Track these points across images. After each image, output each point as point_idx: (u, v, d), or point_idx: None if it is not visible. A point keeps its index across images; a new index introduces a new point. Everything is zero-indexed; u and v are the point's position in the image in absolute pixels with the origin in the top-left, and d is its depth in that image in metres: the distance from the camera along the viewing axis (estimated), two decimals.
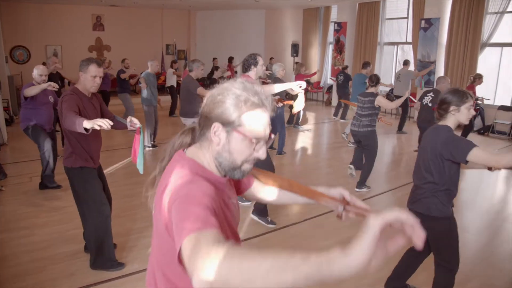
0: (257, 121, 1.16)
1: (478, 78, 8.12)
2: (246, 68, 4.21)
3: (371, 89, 5.51)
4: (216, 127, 1.16)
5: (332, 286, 1.43)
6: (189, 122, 5.84)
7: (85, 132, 2.78)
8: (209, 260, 0.81)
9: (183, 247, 0.90)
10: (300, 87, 4.04)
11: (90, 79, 3.24)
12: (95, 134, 3.26)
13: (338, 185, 4.43)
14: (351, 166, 6.05)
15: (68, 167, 3.32)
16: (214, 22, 15.52)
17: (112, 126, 2.84)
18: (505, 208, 5.31)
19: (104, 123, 2.68)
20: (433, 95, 6.64)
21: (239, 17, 15.15)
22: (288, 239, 4.08)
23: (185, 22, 16.26)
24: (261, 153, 1.21)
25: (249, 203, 4.88)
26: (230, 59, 13.44)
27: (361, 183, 5.59)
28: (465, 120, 2.69)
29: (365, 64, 8.77)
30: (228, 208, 1.25)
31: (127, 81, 8.89)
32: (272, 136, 1.22)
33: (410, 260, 3.11)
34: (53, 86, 4.87)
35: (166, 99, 10.60)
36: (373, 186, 5.72)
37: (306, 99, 12.61)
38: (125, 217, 4.00)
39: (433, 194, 2.71)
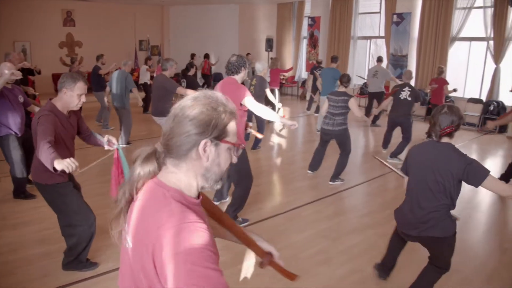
0: (235, 127, 1.21)
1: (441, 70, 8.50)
2: (235, 71, 3.95)
3: (342, 89, 5.55)
4: (204, 143, 1.13)
5: None
6: (160, 121, 5.84)
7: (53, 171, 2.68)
8: None
9: None
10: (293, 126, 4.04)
11: (75, 97, 3.00)
12: (67, 147, 3.13)
13: (314, 178, 4.50)
14: (310, 172, 6.03)
15: (42, 184, 3.11)
16: (188, 17, 15.38)
17: (88, 142, 2.75)
18: (475, 196, 5.46)
19: (70, 165, 2.55)
20: (410, 90, 6.76)
21: (213, 12, 15.05)
22: (263, 234, 4.07)
23: (158, 17, 16.05)
24: (235, 159, 1.23)
25: (227, 199, 4.88)
26: (206, 56, 13.35)
27: (335, 177, 5.65)
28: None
29: (334, 58, 8.83)
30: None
31: (103, 79, 8.71)
32: (260, 136, 1.28)
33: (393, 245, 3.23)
34: (16, 74, 4.41)
35: (141, 95, 10.43)
36: (347, 179, 5.79)
37: (281, 94, 12.66)
38: (98, 215, 3.91)
39: (447, 214, 2.68)
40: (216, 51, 14.23)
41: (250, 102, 3.88)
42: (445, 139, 2.68)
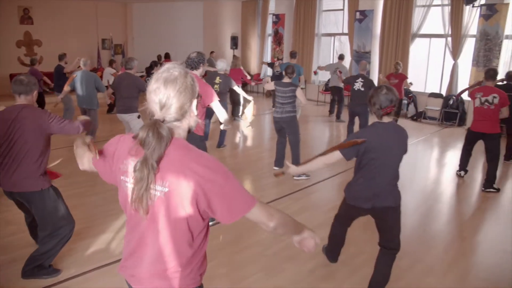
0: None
1: (397, 65, 8.70)
2: (194, 66, 4.05)
3: (287, 80, 5.66)
4: (196, 102, 1.51)
5: None
6: (130, 117, 5.92)
7: None
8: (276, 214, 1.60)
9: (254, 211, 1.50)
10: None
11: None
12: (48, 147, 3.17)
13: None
14: (276, 168, 6.05)
15: (37, 191, 3.05)
16: (151, 15, 15.09)
17: None
18: (437, 187, 5.63)
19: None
20: (363, 80, 7.05)
21: (177, 9, 14.82)
22: (231, 231, 4.06)
23: (121, 15, 15.66)
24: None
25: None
26: (167, 55, 13.17)
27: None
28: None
29: (293, 54, 8.91)
30: None
31: (67, 79, 8.42)
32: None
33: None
34: None
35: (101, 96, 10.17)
36: (313, 174, 5.84)
37: (247, 91, 12.65)
38: None
39: (396, 185, 2.90)
40: (181, 49, 14.04)
41: (216, 106, 4.06)
42: (385, 119, 2.79)
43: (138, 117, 5.94)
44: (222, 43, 15.29)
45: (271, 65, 11.05)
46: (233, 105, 9.02)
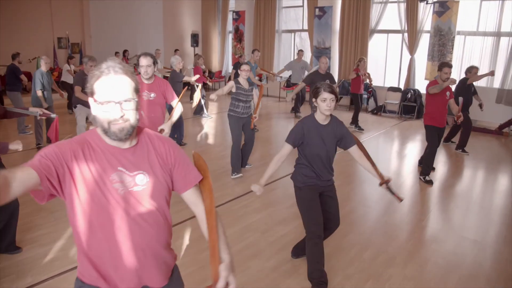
0: (103, 85, 1.38)
1: (359, 61, 8.72)
2: None
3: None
4: (91, 100, 1.40)
5: None
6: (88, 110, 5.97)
7: None
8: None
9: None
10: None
11: None
12: None
13: (242, 172, 4.37)
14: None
15: None
16: (109, 12, 14.63)
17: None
18: (397, 179, 5.72)
19: None
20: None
21: (135, 7, 14.44)
22: (193, 231, 3.97)
23: (78, 12, 15.07)
24: (115, 114, 1.37)
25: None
26: (124, 53, 12.89)
27: (232, 171, 5.65)
28: (323, 111, 2.89)
29: (254, 51, 8.92)
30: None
31: (19, 79, 8.04)
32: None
33: None
34: None
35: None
36: (277, 170, 5.82)
37: (208, 89, 12.53)
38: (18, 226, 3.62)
39: None
40: (140, 47, 13.72)
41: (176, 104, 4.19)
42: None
43: None
44: (183, 41, 15.05)
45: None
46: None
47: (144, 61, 3.94)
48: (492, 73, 7.34)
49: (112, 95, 1.36)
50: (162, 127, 3.91)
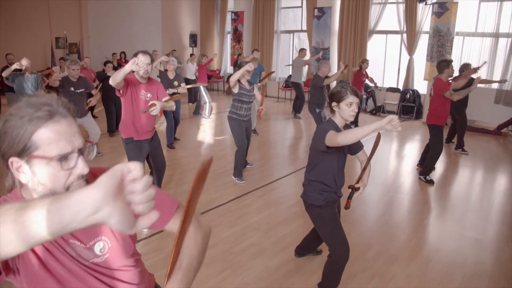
0: (53, 136, 0.99)
1: (362, 63, 8.72)
2: None
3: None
4: (14, 162, 0.99)
5: None
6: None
7: None
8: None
9: None
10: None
11: None
12: None
13: (243, 171, 4.36)
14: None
15: None
16: (108, 12, 14.61)
17: None
18: (397, 179, 5.74)
19: None
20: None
21: (134, 7, 14.43)
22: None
23: (76, 12, 15.04)
24: (82, 168, 1.03)
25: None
26: (121, 54, 12.88)
27: (234, 175, 5.53)
28: (347, 117, 2.64)
29: (254, 51, 8.93)
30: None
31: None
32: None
33: (315, 233, 3.25)
34: None
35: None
36: (276, 170, 5.85)
37: (209, 89, 12.51)
38: None
39: None
40: (139, 47, 13.69)
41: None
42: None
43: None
44: (182, 41, 15.05)
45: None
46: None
47: (144, 59, 3.91)
48: (504, 81, 7.44)
49: (71, 144, 1.03)
50: (153, 102, 3.83)
